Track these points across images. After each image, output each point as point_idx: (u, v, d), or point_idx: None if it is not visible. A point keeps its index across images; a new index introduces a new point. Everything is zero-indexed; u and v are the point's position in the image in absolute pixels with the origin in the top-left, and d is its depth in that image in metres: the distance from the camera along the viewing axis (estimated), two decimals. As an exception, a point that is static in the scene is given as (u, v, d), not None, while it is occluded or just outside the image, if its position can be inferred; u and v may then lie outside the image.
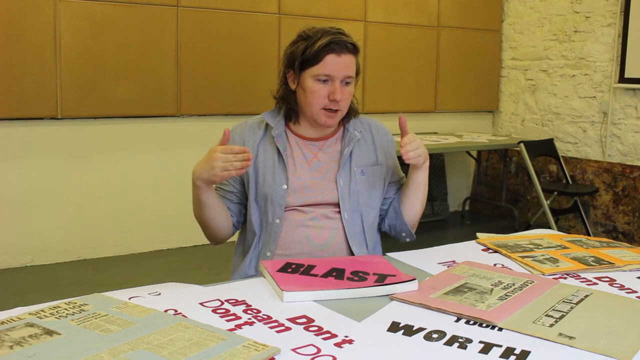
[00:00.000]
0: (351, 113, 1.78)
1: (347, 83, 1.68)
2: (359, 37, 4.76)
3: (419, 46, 5.22)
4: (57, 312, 1.18)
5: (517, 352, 1.09)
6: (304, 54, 1.66)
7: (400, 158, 1.77)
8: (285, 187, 1.71)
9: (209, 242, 1.80)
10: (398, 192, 1.86)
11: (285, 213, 1.71)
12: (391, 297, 1.34)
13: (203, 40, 4.20)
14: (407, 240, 1.86)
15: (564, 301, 1.32)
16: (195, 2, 4.14)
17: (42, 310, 1.18)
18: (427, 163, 1.74)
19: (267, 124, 1.78)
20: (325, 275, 1.41)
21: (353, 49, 1.68)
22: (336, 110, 1.69)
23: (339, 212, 1.73)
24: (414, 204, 1.80)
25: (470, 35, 5.48)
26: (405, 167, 1.79)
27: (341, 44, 1.64)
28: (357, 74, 1.72)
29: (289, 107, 1.75)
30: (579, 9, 4.99)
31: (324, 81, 1.66)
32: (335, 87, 1.65)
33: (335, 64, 1.65)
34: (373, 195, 1.79)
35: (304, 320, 1.21)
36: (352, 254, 1.72)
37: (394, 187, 1.86)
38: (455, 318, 1.23)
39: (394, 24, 5.05)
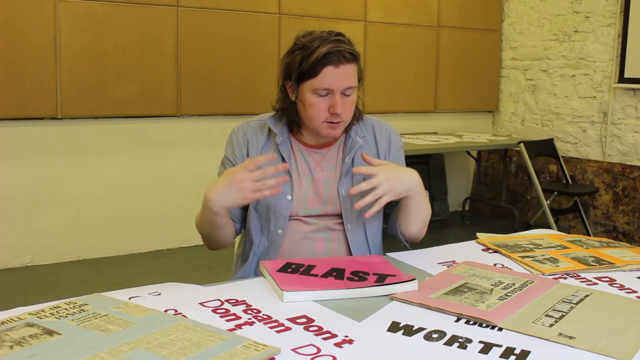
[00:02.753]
0: (353, 119, 1.69)
1: (348, 94, 1.60)
2: (359, 37, 4.77)
3: (419, 46, 5.22)
4: (57, 312, 1.18)
5: (517, 352, 1.09)
6: (301, 65, 1.56)
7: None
8: (290, 197, 1.66)
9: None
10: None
11: (288, 223, 1.67)
12: (391, 297, 1.33)
13: (203, 40, 4.19)
14: (406, 246, 1.79)
15: (564, 301, 1.32)
16: (195, 2, 4.13)
17: (42, 310, 1.18)
18: (416, 190, 1.60)
19: (269, 128, 1.71)
20: (325, 275, 1.41)
21: (352, 58, 1.57)
22: (338, 122, 1.61)
23: (342, 223, 1.69)
24: (408, 225, 1.70)
25: (470, 35, 5.47)
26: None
27: (339, 54, 1.54)
28: (360, 79, 1.64)
29: (290, 118, 1.68)
30: (579, 9, 4.99)
31: (324, 95, 1.57)
32: (335, 100, 1.56)
33: (334, 77, 1.55)
34: None
35: (304, 320, 1.21)
36: None
37: None
38: (455, 318, 1.23)
39: (393, 24, 5.05)
